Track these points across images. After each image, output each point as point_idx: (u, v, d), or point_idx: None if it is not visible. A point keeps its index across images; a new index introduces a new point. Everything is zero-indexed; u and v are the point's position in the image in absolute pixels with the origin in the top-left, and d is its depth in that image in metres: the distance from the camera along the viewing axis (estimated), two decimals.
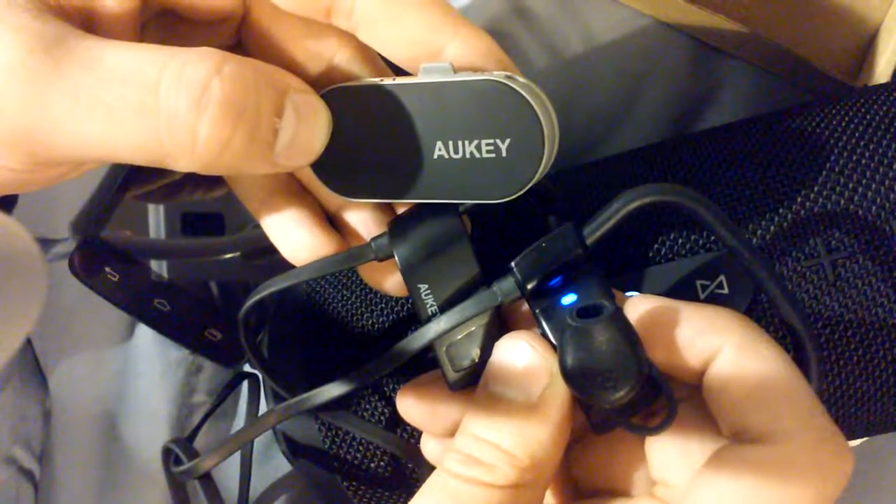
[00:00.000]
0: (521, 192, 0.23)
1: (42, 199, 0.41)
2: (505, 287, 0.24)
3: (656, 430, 0.21)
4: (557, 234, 0.23)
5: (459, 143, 0.23)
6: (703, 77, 0.43)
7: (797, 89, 0.42)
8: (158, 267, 0.40)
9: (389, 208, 0.27)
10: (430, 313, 0.25)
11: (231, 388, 0.40)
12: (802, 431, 0.20)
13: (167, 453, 0.36)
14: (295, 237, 0.26)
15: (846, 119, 0.29)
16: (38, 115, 0.20)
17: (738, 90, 0.43)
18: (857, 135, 0.29)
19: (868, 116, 0.29)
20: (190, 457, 0.34)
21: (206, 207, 0.42)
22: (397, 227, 0.25)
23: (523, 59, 0.42)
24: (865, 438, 0.37)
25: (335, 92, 0.23)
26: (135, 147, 0.20)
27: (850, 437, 0.30)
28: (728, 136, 0.31)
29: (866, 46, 0.39)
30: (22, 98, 0.19)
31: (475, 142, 0.22)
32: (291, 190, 0.27)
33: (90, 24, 0.22)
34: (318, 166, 0.24)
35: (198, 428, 0.38)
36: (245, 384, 0.40)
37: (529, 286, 0.23)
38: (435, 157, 0.23)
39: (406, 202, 0.26)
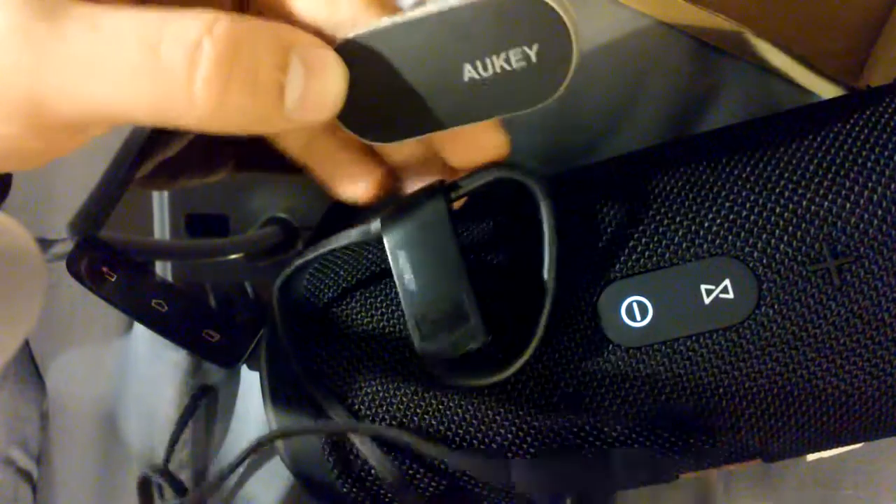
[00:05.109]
0: (558, 93, 0.23)
1: (40, 200, 0.41)
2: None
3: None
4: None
5: (488, 60, 0.23)
6: (703, 77, 0.42)
7: (798, 90, 0.42)
8: (162, 268, 0.40)
9: None
10: (404, 283, 0.27)
11: (195, 405, 0.40)
12: None
13: (145, 484, 0.35)
14: (348, 171, 0.27)
15: (850, 120, 0.29)
16: (40, 79, 0.20)
17: (738, 90, 0.43)
18: (861, 136, 0.28)
19: (873, 118, 0.29)
20: (176, 489, 0.34)
21: (211, 209, 0.42)
22: (390, 213, 0.27)
23: None
24: None
25: (349, 44, 0.23)
26: (138, 107, 0.21)
27: (853, 440, 0.30)
28: (729, 138, 0.31)
29: (868, 46, 0.39)
30: (23, 62, 0.20)
31: (503, 54, 0.22)
32: (331, 128, 0.27)
33: None
34: (345, 118, 0.24)
35: (171, 448, 0.38)
36: (253, 381, 0.40)
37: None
38: (466, 80, 0.23)
39: (444, 131, 0.25)
